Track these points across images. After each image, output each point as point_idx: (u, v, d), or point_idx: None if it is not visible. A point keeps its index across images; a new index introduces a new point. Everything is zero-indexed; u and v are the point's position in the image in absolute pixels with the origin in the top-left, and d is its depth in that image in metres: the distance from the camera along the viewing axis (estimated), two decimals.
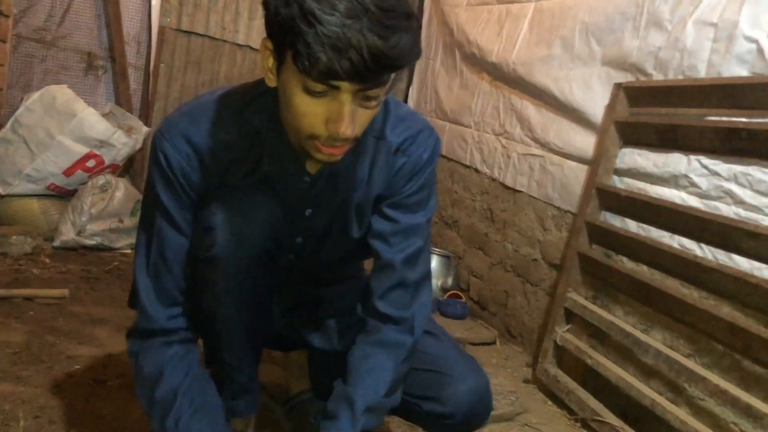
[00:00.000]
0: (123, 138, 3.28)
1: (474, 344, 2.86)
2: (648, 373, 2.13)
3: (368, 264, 1.50)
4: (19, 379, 1.86)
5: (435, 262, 3.39)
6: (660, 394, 2.02)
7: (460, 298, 3.25)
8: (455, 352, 1.54)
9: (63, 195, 3.28)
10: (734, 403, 1.69)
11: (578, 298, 2.39)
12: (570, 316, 2.45)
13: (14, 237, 2.92)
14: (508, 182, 3.09)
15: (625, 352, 2.24)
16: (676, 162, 2.09)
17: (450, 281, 3.38)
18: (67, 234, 3.08)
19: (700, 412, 1.91)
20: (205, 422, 1.29)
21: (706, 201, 1.98)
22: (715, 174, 1.95)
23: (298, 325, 1.59)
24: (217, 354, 1.41)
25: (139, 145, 3.45)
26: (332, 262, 1.52)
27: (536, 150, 2.89)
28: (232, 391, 1.45)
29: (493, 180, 3.24)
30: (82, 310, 2.49)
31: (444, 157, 3.70)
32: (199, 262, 1.30)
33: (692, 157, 2.03)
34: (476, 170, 3.42)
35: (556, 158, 2.75)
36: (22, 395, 1.78)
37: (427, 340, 1.54)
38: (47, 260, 2.94)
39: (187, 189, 1.27)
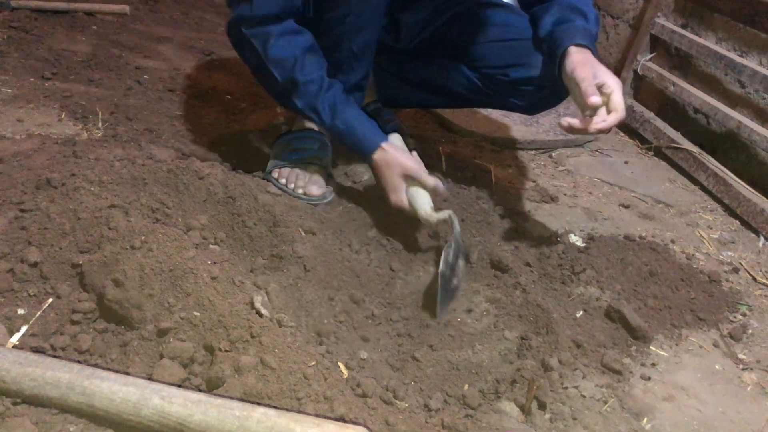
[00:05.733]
0: None
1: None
2: (734, 101, 2.01)
3: None
4: (91, 81, 1.88)
5: None
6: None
7: None
8: None
9: None
10: None
11: (667, 23, 2.19)
12: (655, 44, 2.28)
13: None
14: None
15: (711, 81, 2.09)
16: None
17: None
18: None
19: None
20: (358, 111, 1.34)
21: None
22: None
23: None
24: (341, 44, 1.35)
25: None
26: None
27: None
28: (346, 86, 1.40)
29: None
30: (144, 28, 2.43)
31: None
32: None
33: None
34: None
35: None
36: (97, 94, 1.80)
37: (503, 12, 1.50)
38: None
39: None
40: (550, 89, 1.46)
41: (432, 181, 1.30)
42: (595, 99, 1.12)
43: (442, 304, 1.20)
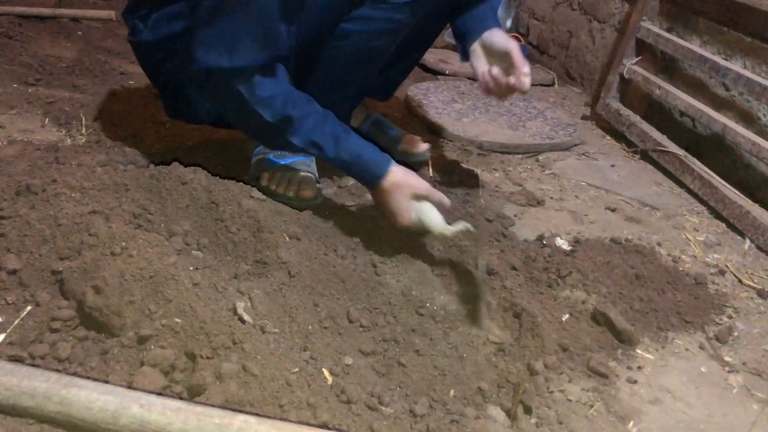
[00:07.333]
0: None
1: (531, 85, 2.74)
2: (719, 104, 2.02)
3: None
4: (76, 87, 1.87)
5: None
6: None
7: (520, 41, 3.07)
8: None
9: None
10: None
11: (652, 27, 2.20)
12: (641, 48, 2.28)
13: None
14: None
15: (696, 84, 2.11)
16: None
17: (509, 24, 3.17)
18: None
19: None
20: (359, 137, 1.29)
21: None
22: None
23: None
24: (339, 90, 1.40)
25: None
26: None
27: None
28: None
29: None
30: None
31: None
32: None
33: None
34: None
35: None
36: (81, 100, 1.79)
37: None
38: None
39: None
40: None
41: (438, 196, 1.29)
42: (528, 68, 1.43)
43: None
